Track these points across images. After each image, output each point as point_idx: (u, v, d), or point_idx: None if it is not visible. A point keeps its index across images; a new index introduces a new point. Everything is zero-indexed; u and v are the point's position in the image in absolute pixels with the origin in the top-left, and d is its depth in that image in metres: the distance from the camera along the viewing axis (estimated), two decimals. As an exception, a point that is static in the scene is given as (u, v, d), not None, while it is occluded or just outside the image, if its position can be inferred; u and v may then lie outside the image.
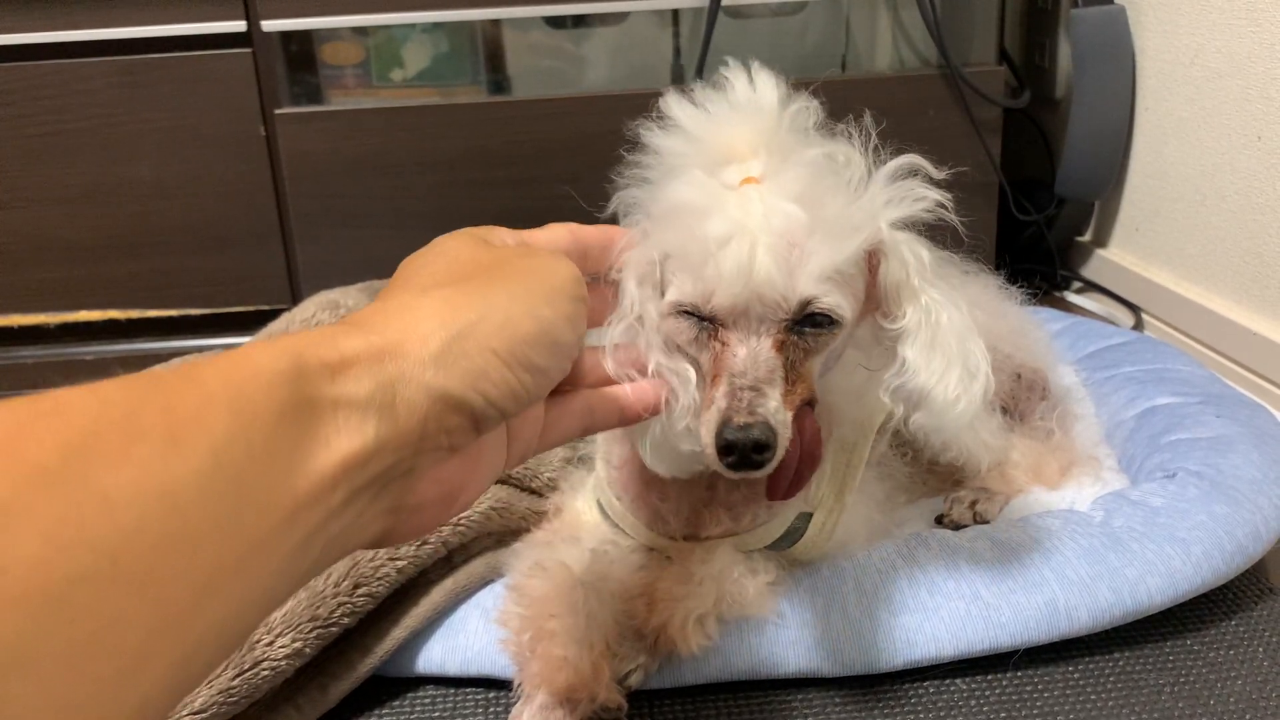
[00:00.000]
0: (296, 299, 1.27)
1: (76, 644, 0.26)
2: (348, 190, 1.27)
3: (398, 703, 0.71)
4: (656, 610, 0.66)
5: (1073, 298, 1.43)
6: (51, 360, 1.30)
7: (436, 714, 0.70)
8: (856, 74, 1.34)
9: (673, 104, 0.59)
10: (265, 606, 0.33)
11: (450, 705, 0.70)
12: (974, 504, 0.82)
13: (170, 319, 1.31)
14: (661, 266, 0.59)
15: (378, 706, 0.70)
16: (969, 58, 1.30)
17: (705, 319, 0.58)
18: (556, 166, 1.26)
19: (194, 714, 0.60)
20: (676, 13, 1.27)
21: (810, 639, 0.69)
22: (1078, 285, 1.45)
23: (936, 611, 0.70)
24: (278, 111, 1.23)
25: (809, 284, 0.56)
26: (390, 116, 1.25)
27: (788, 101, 0.59)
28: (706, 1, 1.22)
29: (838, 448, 0.70)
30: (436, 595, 0.73)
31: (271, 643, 0.64)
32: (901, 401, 0.61)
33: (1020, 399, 0.90)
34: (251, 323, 1.27)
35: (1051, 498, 0.84)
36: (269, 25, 1.20)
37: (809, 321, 0.57)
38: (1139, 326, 1.31)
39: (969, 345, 0.60)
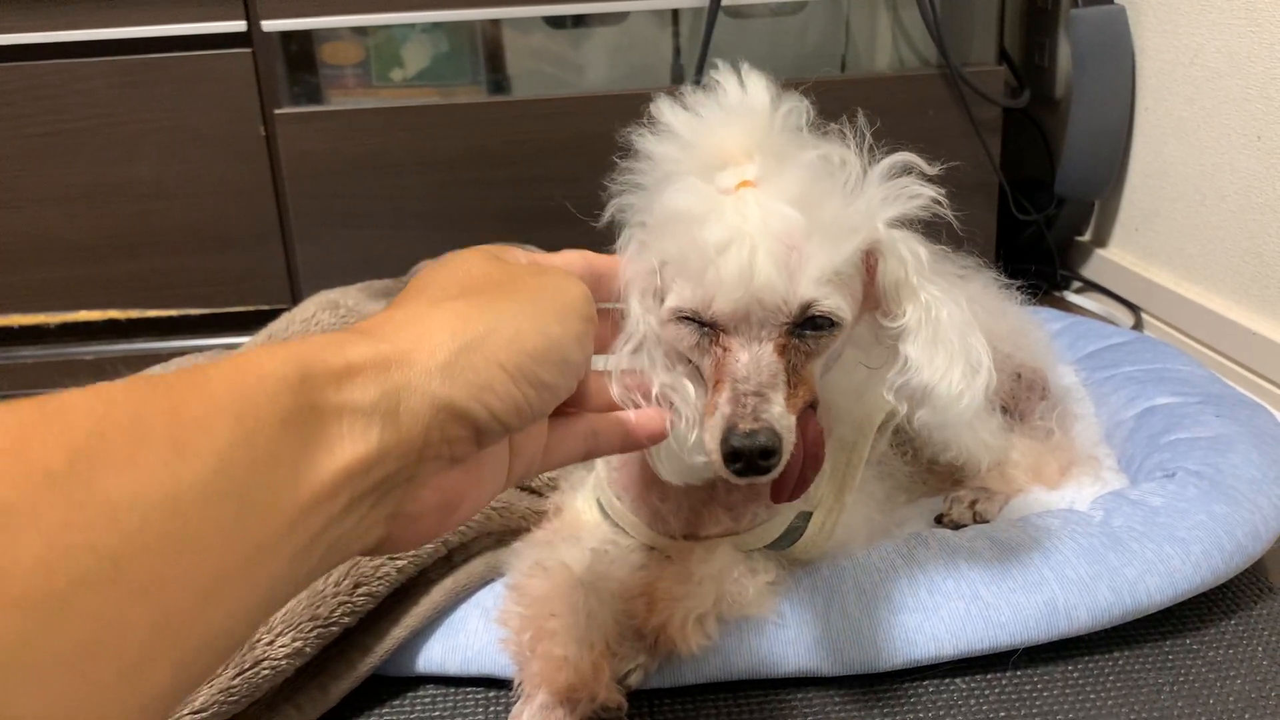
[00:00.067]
0: (296, 299, 1.27)
1: (78, 647, 0.26)
2: (347, 190, 1.27)
3: (398, 702, 0.71)
4: (656, 610, 0.67)
5: (1072, 297, 1.43)
6: (51, 360, 1.30)
7: (436, 713, 0.70)
8: (856, 74, 1.34)
9: (664, 108, 0.59)
10: (266, 610, 0.34)
11: (450, 705, 0.70)
12: (974, 503, 0.82)
13: (170, 319, 1.31)
14: (660, 274, 0.58)
15: (378, 706, 0.70)
16: (969, 57, 1.30)
17: (706, 325, 0.58)
18: (556, 166, 1.26)
19: (194, 713, 0.61)
20: (676, 13, 1.27)
21: (810, 638, 0.69)
22: (1077, 285, 1.45)
23: (936, 611, 0.70)
24: (278, 111, 1.23)
25: (809, 287, 0.56)
26: (390, 116, 1.25)
27: (779, 102, 0.59)
28: (706, 1, 1.22)
29: (837, 447, 0.70)
30: (437, 595, 0.73)
31: (272, 642, 0.64)
32: (905, 399, 0.61)
33: (1020, 398, 0.90)
34: (251, 323, 1.27)
35: (1051, 497, 0.85)
36: (269, 25, 1.20)
37: (810, 324, 0.57)
38: (1139, 326, 1.31)
39: (970, 340, 0.61)
